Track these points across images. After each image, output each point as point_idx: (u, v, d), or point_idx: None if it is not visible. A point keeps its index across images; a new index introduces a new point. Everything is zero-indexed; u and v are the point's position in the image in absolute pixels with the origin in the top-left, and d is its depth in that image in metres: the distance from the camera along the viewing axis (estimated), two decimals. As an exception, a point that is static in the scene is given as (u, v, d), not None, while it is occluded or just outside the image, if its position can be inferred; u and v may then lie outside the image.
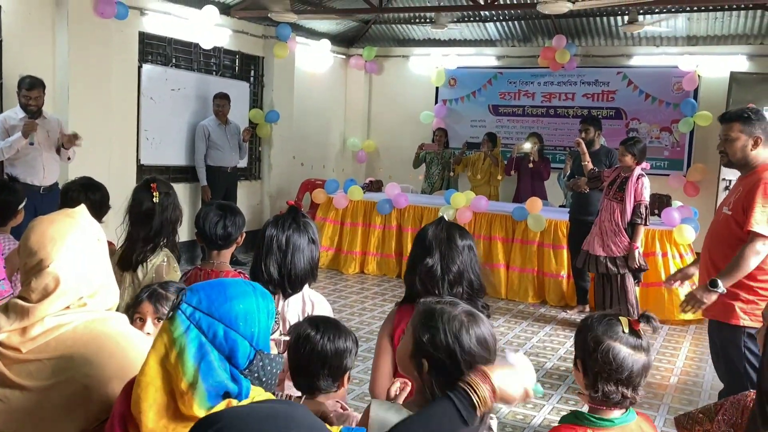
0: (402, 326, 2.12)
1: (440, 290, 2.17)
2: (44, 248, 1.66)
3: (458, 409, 1.44)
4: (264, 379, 1.43)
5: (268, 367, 1.43)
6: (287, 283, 2.46)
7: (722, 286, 3.16)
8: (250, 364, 1.39)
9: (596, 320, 1.90)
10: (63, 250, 1.66)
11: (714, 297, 3.19)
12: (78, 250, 1.68)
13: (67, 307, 1.68)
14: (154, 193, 3.02)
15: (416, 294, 2.18)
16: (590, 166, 6.10)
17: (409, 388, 1.84)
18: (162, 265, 3.01)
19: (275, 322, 1.48)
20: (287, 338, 1.56)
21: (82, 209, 1.80)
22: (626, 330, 1.83)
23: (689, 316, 6.10)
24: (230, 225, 2.83)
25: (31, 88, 5.52)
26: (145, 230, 3.02)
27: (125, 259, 3.02)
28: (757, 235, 3.12)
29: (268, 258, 2.44)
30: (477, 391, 1.46)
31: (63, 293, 1.66)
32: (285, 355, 1.82)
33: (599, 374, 1.82)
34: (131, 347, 1.73)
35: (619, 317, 1.86)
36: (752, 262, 3.13)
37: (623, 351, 1.81)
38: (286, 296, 2.50)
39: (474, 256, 2.24)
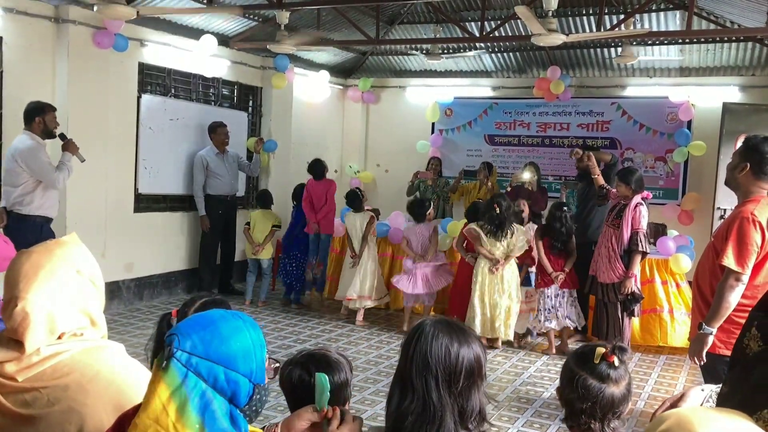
0: None
1: None
2: (17, 285, 1.66)
3: None
4: (256, 410, 1.41)
5: (262, 399, 1.40)
6: None
7: (708, 328, 3.24)
8: (250, 400, 1.37)
9: (577, 350, 1.94)
10: (34, 287, 1.65)
11: (709, 339, 3.25)
12: (51, 287, 1.67)
13: (60, 337, 1.69)
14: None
15: None
16: (601, 181, 6.14)
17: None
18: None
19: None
20: (278, 365, 1.53)
21: (70, 238, 1.80)
22: (597, 360, 1.84)
23: (683, 344, 6.18)
24: None
25: (55, 110, 5.64)
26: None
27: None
28: (729, 271, 3.19)
29: None
30: None
31: (34, 331, 1.64)
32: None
33: (569, 402, 1.85)
34: (128, 376, 1.73)
35: (597, 347, 1.88)
36: (731, 297, 3.19)
37: (589, 380, 1.83)
38: None
39: None
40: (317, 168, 7.59)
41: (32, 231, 5.35)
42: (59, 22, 6.42)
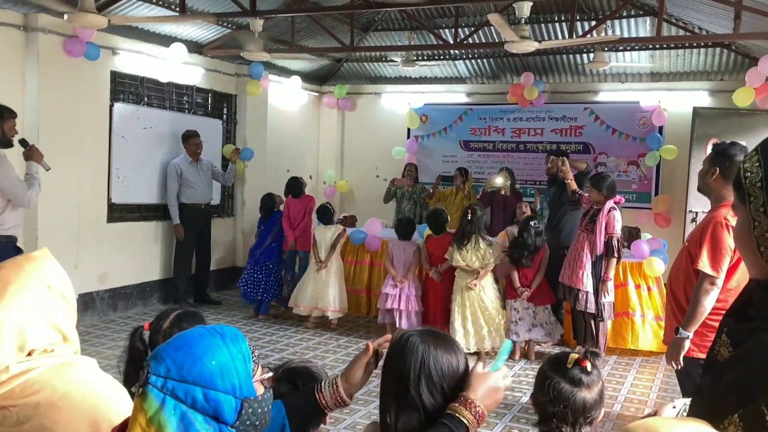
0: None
1: None
2: None
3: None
4: (258, 423, 1.37)
5: (259, 410, 1.37)
6: None
7: (685, 332, 3.27)
8: (239, 416, 1.33)
9: (551, 355, 1.98)
10: (3, 304, 1.62)
11: (685, 343, 3.28)
12: (20, 303, 1.64)
13: (30, 354, 1.66)
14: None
15: None
16: (573, 186, 6.20)
17: None
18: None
19: (254, 362, 1.41)
20: (271, 374, 1.45)
21: (40, 253, 1.78)
22: (570, 365, 1.87)
23: (654, 347, 6.25)
24: None
25: (15, 116, 5.10)
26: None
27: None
28: (703, 275, 3.24)
29: None
30: (464, 418, 1.53)
31: (3, 349, 1.61)
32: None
33: (541, 406, 1.87)
34: (101, 391, 1.70)
35: (571, 353, 1.90)
36: (706, 302, 3.24)
37: (561, 384, 1.85)
38: None
39: None
40: (296, 186, 7.58)
41: (4, 255, 5.02)
42: (28, 30, 6.33)
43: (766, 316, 1.19)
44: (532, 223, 6.18)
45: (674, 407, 1.65)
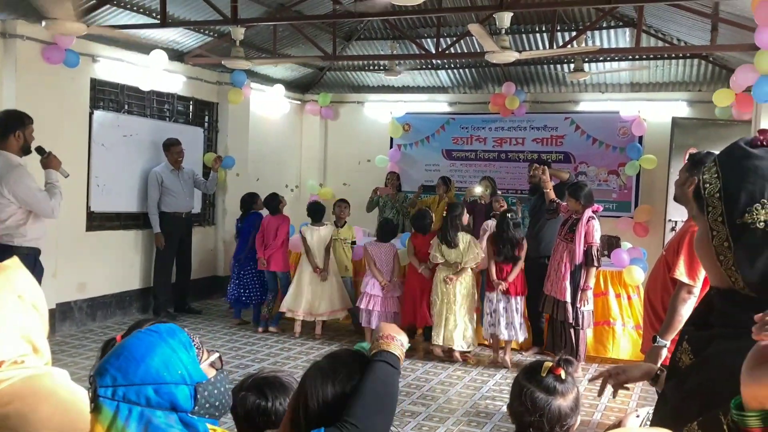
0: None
1: None
2: None
3: (391, 364, 1.54)
4: (218, 404, 1.41)
5: (215, 392, 1.41)
6: None
7: (662, 340, 3.28)
8: (196, 401, 1.37)
9: (526, 364, 1.98)
10: None
11: (662, 352, 3.28)
12: None
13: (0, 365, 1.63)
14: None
15: None
16: (552, 195, 6.23)
17: None
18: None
19: (197, 348, 1.43)
20: (218, 355, 1.48)
21: (11, 262, 1.76)
22: (544, 373, 1.87)
23: (634, 356, 6.27)
24: None
25: (32, 121, 4.91)
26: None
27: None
28: (681, 284, 3.27)
29: None
30: (394, 348, 1.58)
31: None
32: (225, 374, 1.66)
33: (517, 415, 1.87)
34: (72, 404, 1.68)
35: (545, 362, 1.91)
36: (683, 310, 3.26)
37: (536, 393, 1.85)
38: None
39: None
40: (273, 202, 7.32)
41: (26, 266, 4.83)
42: (6, 37, 6.26)
43: (725, 323, 1.22)
44: (508, 215, 6.26)
45: (638, 416, 1.66)
